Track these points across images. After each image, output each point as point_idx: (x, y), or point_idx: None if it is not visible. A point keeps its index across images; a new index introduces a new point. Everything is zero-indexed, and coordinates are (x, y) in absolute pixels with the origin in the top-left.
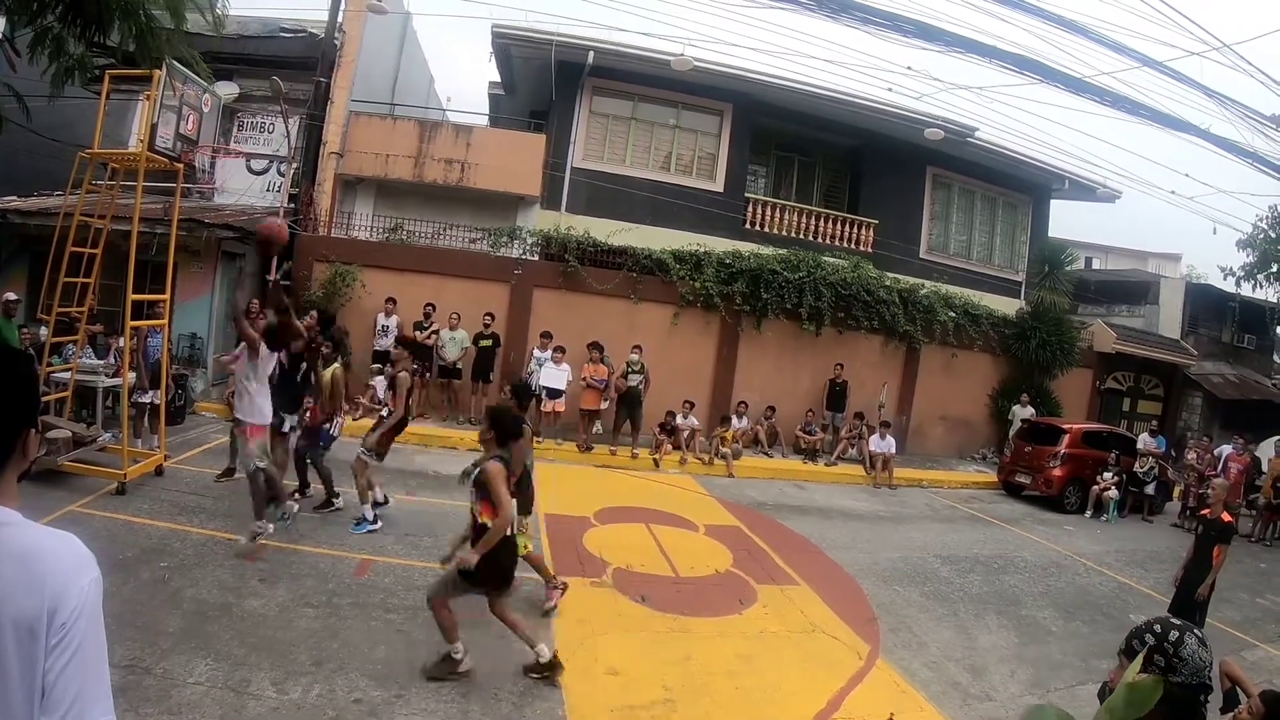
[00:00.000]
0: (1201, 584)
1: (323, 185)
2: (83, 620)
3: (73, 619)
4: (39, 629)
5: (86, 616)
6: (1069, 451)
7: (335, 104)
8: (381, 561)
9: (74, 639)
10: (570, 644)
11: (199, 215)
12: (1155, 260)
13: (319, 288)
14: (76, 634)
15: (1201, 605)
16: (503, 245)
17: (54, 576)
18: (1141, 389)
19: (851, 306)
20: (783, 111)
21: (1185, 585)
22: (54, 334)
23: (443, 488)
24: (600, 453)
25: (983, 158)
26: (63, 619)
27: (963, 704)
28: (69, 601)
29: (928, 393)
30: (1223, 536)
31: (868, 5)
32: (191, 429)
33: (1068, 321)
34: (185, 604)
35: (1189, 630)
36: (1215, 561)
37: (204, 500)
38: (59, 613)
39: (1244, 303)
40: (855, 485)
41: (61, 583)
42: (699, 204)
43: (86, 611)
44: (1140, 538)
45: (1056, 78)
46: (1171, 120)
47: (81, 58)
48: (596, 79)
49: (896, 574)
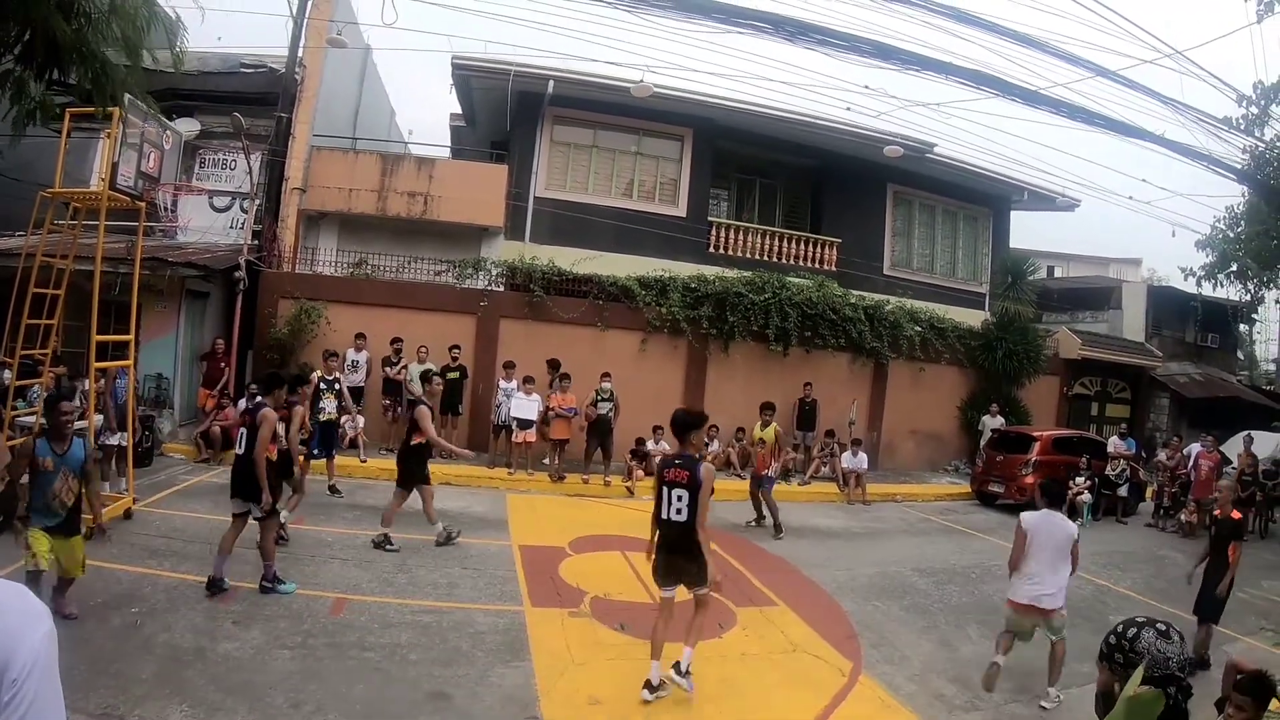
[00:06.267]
0: (1220, 582)
1: (286, 221)
2: (35, 674)
3: (24, 675)
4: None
5: (40, 672)
6: (1040, 459)
7: (297, 139)
8: (356, 600)
9: (26, 696)
10: (550, 675)
11: (162, 254)
12: (1116, 265)
13: (284, 325)
14: (29, 690)
15: (1220, 601)
16: (468, 277)
17: (4, 633)
18: (1109, 393)
19: (818, 326)
20: (743, 135)
21: (1205, 584)
22: (18, 377)
23: (416, 524)
24: (573, 482)
25: (942, 172)
26: (13, 675)
27: (948, 715)
28: (20, 657)
29: (897, 408)
30: (1235, 533)
31: (825, 27)
32: (160, 471)
33: (1033, 330)
34: (158, 649)
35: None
36: (1231, 558)
37: (174, 543)
38: (9, 669)
39: (1206, 303)
40: (829, 503)
41: (11, 638)
42: (662, 229)
43: (39, 666)
44: (1115, 540)
45: (1013, 91)
46: (1127, 128)
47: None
48: (557, 108)
49: (875, 589)
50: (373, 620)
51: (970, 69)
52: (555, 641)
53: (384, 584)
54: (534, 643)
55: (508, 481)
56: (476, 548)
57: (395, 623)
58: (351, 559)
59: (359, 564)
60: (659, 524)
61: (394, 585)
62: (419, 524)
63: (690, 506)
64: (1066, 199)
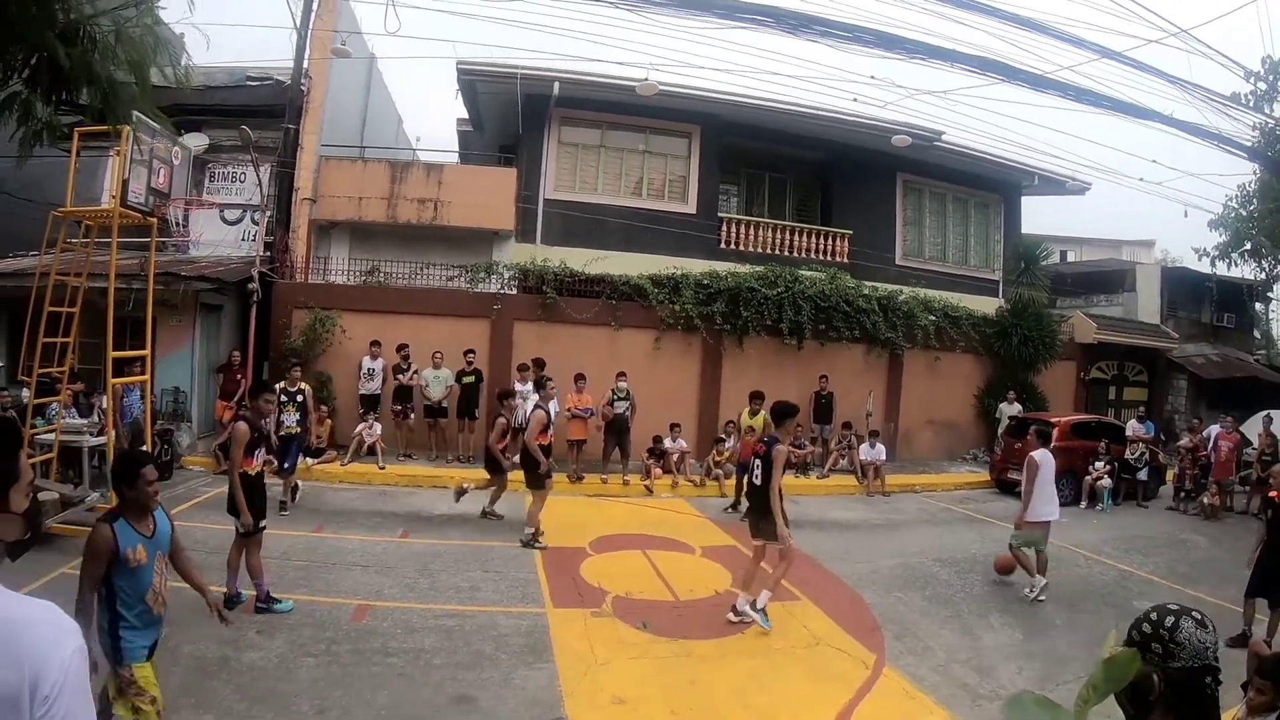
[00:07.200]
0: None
1: (297, 232)
2: (66, 692)
3: (55, 692)
4: (21, 703)
5: (71, 688)
6: (1059, 444)
7: (305, 149)
8: (379, 606)
9: (58, 711)
10: (574, 675)
11: (175, 269)
12: (1129, 248)
13: (299, 335)
14: (61, 706)
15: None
16: (480, 281)
17: (34, 648)
18: (1126, 376)
19: (831, 318)
20: (750, 129)
21: (1260, 567)
22: (36, 395)
23: (436, 528)
24: (591, 482)
25: (951, 160)
26: (45, 692)
27: (973, 704)
28: (50, 674)
29: (913, 398)
30: None
31: (827, 19)
32: (179, 484)
33: (1047, 316)
34: (183, 660)
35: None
36: None
37: (196, 555)
38: (40, 686)
39: (1221, 282)
40: (848, 496)
41: (43, 655)
42: (673, 227)
43: (70, 683)
44: (1137, 524)
45: (1019, 76)
46: (1135, 109)
47: (50, 120)
48: (563, 109)
49: (896, 581)
50: (395, 626)
51: (975, 55)
52: (578, 642)
53: (406, 589)
54: (557, 644)
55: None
56: (497, 550)
57: (418, 628)
58: (373, 565)
59: (380, 570)
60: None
61: (416, 590)
62: (441, 527)
63: (764, 474)
64: (1077, 183)
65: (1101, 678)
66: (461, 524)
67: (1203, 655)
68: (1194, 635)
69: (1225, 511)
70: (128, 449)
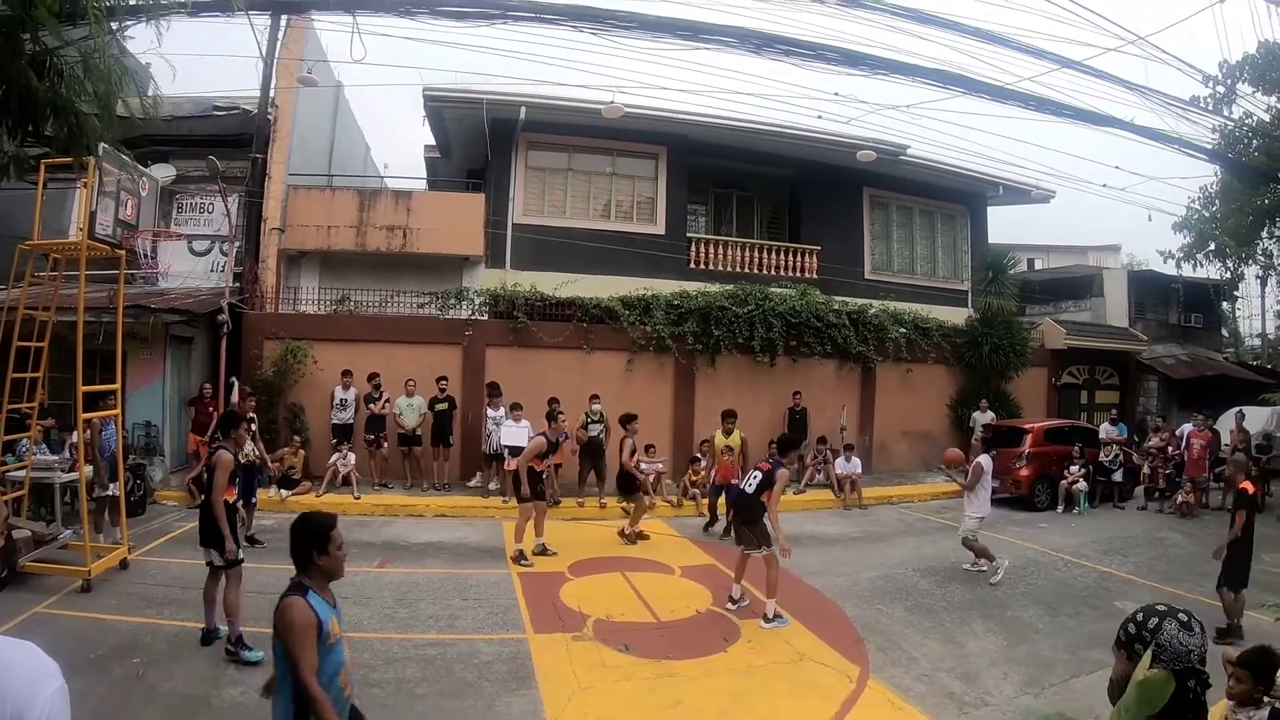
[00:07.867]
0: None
1: (266, 262)
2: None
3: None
4: None
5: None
6: (1033, 450)
7: (273, 179)
8: (358, 637)
9: None
10: (557, 700)
11: (144, 301)
12: (1095, 253)
13: (270, 366)
14: None
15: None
16: (451, 307)
17: (15, 689)
18: (1097, 380)
19: (803, 334)
20: (717, 149)
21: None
22: (5, 432)
23: (414, 557)
24: (568, 505)
25: (917, 174)
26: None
27: (959, 712)
28: (32, 715)
29: (887, 410)
30: (1238, 503)
31: (790, 37)
32: (153, 519)
33: (1017, 323)
34: (163, 698)
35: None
36: (1237, 524)
37: (172, 591)
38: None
39: (1187, 283)
40: (826, 510)
41: (25, 696)
42: (642, 248)
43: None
44: (1114, 526)
45: (981, 88)
46: (1096, 116)
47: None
48: (530, 134)
49: (877, 593)
50: (376, 657)
51: (936, 69)
52: (560, 667)
53: (385, 619)
54: (539, 669)
55: (502, 510)
56: (476, 578)
57: (399, 658)
58: (351, 596)
59: (358, 601)
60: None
61: (395, 620)
62: (419, 556)
63: (757, 485)
64: (1041, 191)
65: (1134, 699)
66: (438, 552)
67: (1184, 659)
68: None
69: (1201, 509)
70: (311, 514)
